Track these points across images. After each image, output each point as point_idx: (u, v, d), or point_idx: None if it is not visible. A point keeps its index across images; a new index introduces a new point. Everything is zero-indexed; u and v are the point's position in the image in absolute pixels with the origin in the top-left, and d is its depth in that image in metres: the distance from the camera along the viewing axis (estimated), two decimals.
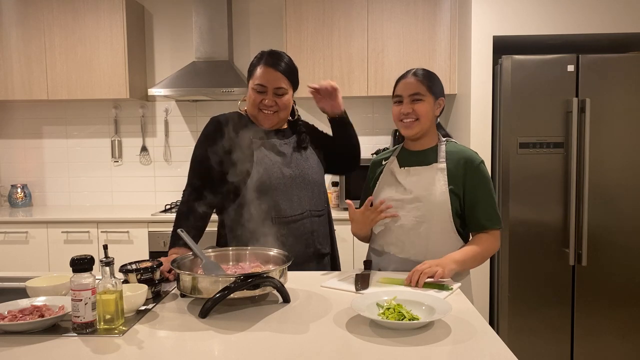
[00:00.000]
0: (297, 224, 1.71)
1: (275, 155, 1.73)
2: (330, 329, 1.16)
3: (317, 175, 1.80)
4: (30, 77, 3.44)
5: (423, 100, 1.64)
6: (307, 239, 1.73)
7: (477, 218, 1.63)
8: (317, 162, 1.83)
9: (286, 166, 1.73)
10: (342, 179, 3.28)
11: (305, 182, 1.74)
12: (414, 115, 1.64)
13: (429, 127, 1.68)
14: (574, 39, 2.98)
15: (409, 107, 1.64)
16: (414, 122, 1.64)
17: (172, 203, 3.55)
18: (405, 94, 1.65)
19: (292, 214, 1.70)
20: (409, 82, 1.66)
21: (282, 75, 1.70)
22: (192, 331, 1.16)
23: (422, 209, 1.62)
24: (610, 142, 2.75)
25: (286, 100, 1.73)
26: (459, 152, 1.68)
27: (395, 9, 3.27)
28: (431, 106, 1.66)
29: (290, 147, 1.78)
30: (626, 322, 2.80)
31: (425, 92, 1.64)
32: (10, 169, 3.86)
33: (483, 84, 2.89)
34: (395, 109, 1.68)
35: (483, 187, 1.64)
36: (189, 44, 3.65)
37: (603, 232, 2.77)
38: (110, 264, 1.17)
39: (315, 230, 1.76)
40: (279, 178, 1.70)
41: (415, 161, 1.69)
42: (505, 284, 2.82)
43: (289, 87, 1.73)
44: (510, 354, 1.02)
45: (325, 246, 1.81)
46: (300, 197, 1.73)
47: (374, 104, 3.67)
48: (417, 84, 1.64)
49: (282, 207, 1.69)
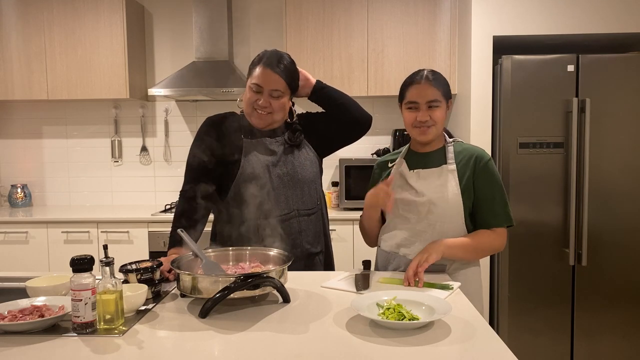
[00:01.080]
0: (284, 224, 1.70)
1: (265, 154, 1.73)
2: (330, 329, 1.16)
3: (309, 173, 1.78)
4: (30, 77, 3.44)
5: (439, 107, 1.62)
6: (294, 239, 1.72)
7: (483, 215, 1.63)
8: (311, 159, 1.81)
9: (275, 165, 1.72)
10: (342, 179, 3.28)
11: (294, 181, 1.74)
12: (431, 122, 1.62)
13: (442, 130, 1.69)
14: (574, 39, 2.98)
15: (426, 115, 1.61)
16: (431, 128, 1.63)
17: (172, 203, 3.55)
18: (422, 101, 1.61)
19: (279, 213, 1.70)
20: (424, 88, 1.61)
21: (279, 77, 1.68)
22: (192, 331, 1.16)
23: (434, 211, 1.61)
24: (610, 142, 2.75)
25: (281, 103, 1.71)
26: (467, 150, 1.67)
27: (395, 9, 3.27)
28: (445, 111, 1.65)
29: (281, 146, 1.77)
30: (626, 322, 2.80)
31: (441, 98, 1.62)
32: (10, 169, 3.86)
33: (483, 84, 2.89)
34: (410, 115, 1.64)
35: (491, 185, 1.63)
36: (189, 44, 3.65)
37: (603, 232, 2.77)
38: (110, 264, 1.17)
39: (304, 229, 1.75)
40: (266, 177, 1.70)
41: (425, 163, 1.68)
42: (505, 284, 2.82)
43: (285, 90, 1.70)
44: (510, 354, 1.01)
45: (315, 245, 1.79)
46: (288, 196, 1.72)
47: (374, 104, 3.67)
48: (433, 90, 1.61)
49: (269, 206, 1.69)
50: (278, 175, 1.72)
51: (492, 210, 1.63)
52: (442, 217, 1.61)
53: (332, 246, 1.92)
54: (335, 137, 1.85)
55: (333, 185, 3.51)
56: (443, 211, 1.61)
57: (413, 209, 1.64)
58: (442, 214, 1.61)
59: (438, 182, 1.63)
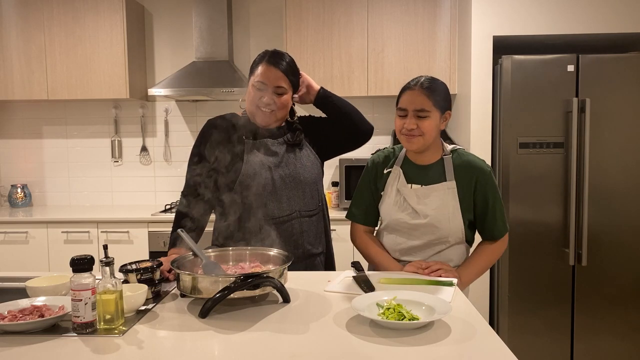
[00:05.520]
0: (285, 225, 1.71)
1: (267, 155, 1.73)
2: (330, 329, 1.16)
3: (310, 174, 1.78)
4: (30, 77, 3.44)
5: (429, 117, 1.57)
6: (296, 240, 1.73)
7: (488, 228, 1.68)
8: (313, 160, 1.82)
9: (276, 166, 1.73)
10: (342, 179, 3.29)
11: (295, 182, 1.74)
12: (418, 132, 1.57)
13: (432, 142, 1.63)
14: (574, 39, 2.98)
15: (414, 123, 1.56)
16: (418, 137, 1.58)
17: (172, 203, 3.56)
18: (410, 109, 1.57)
19: (280, 214, 1.70)
20: (414, 95, 1.57)
21: (283, 74, 1.70)
22: (192, 331, 1.16)
23: (436, 233, 1.64)
24: (610, 142, 2.75)
25: (285, 100, 1.72)
26: (467, 163, 1.65)
27: (395, 9, 3.27)
28: (436, 122, 1.59)
29: (283, 146, 1.77)
30: (626, 322, 2.80)
31: (431, 108, 1.56)
32: (10, 169, 3.86)
33: (483, 84, 2.89)
34: (399, 122, 1.61)
35: (492, 197, 1.65)
36: (189, 44, 3.65)
37: (603, 232, 2.77)
38: (110, 264, 1.17)
39: (305, 230, 1.75)
40: (268, 178, 1.70)
41: (423, 178, 1.66)
42: (505, 284, 2.82)
43: (288, 87, 1.72)
44: (510, 354, 1.01)
45: (316, 246, 1.80)
46: (290, 197, 1.72)
47: (374, 104, 3.67)
48: (423, 98, 1.56)
49: (271, 207, 1.69)
50: (280, 176, 1.72)
51: (494, 223, 1.66)
52: (444, 237, 1.65)
53: (333, 247, 1.92)
54: (336, 143, 1.86)
55: (333, 185, 3.51)
56: (444, 232, 1.64)
57: (413, 228, 1.66)
58: (444, 235, 1.64)
59: (438, 202, 1.62)
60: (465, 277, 1.63)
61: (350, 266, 1.67)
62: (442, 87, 1.62)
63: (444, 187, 1.63)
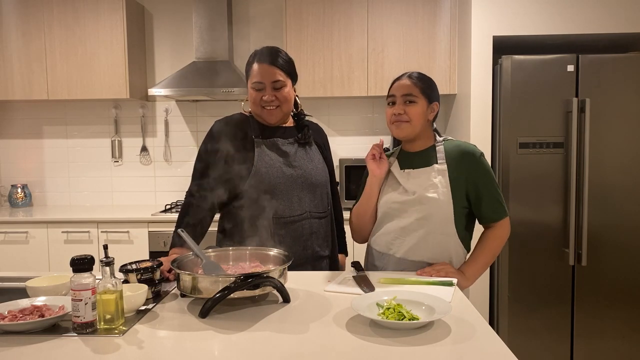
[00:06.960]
0: (295, 225, 1.70)
1: (277, 154, 1.73)
2: (330, 329, 1.16)
3: (321, 176, 1.79)
4: (30, 77, 3.44)
5: (416, 103, 1.64)
6: (305, 241, 1.73)
7: (484, 212, 1.66)
8: (323, 162, 1.83)
9: (288, 166, 1.72)
10: (342, 179, 3.28)
11: (307, 183, 1.74)
12: (405, 117, 1.64)
13: (420, 130, 1.68)
14: (574, 39, 2.98)
15: (401, 108, 1.64)
16: (405, 123, 1.65)
17: (172, 203, 3.56)
18: (398, 94, 1.66)
19: (291, 214, 1.70)
20: (402, 83, 1.67)
21: (277, 68, 1.71)
22: (192, 331, 1.16)
23: (423, 211, 1.63)
24: (610, 142, 2.75)
25: (285, 93, 1.72)
26: (458, 147, 1.68)
27: (395, 9, 3.27)
28: (423, 109, 1.66)
29: (294, 146, 1.77)
30: (626, 322, 2.80)
31: (419, 94, 1.64)
32: (10, 169, 3.86)
33: (483, 84, 2.89)
34: (388, 111, 1.69)
35: (485, 180, 1.64)
36: (189, 44, 3.65)
37: (603, 232, 2.77)
38: (110, 264, 1.17)
39: (315, 232, 1.75)
40: (279, 177, 1.69)
41: (416, 163, 1.69)
42: (505, 284, 2.82)
43: (286, 79, 1.73)
44: (510, 354, 1.02)
45: (324, 249, 1.79)
46: (301, 197, 1.72)
47: (374, 104, 3.67)
48: (410, 85, 1.65)
49: (281, 207, 1.69)
50: (292, 176, 1.72)
51: (491, 206, 1.65)
52: (430, 216, 1.62)
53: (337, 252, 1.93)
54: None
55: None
56: (431, 211, 1.62)
57: (403, 207, 1.66)
58: (430, 213, 1.62)
59: (427, 181, 1.64)
60: (470, 272, 1.63)
61: (351, 266, 1.67)
62: (430, 80, 1.71)
63: (434, 168, 1.66)
